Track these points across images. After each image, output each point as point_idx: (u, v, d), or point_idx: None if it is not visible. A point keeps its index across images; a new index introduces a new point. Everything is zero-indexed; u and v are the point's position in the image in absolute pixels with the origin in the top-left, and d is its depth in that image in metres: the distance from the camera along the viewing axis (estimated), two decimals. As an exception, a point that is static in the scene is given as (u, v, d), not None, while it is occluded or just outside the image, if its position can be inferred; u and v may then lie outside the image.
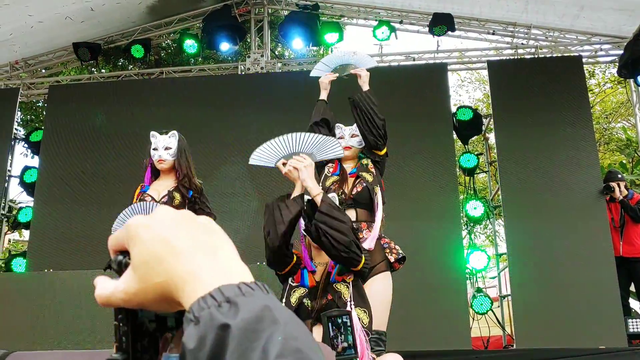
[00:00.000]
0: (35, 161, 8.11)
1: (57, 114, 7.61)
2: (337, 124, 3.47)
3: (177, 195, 3.41)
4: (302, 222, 2.63)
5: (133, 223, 0.52)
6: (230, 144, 7.03)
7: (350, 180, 3.24)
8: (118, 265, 0.53)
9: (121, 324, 0.52)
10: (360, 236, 3.06)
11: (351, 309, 2.30)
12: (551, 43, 7.70)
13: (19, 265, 7.21)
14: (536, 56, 7.60)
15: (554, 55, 7.62)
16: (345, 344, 1.47)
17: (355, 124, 3.36)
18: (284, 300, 2.48)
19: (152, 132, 3.53)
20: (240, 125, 7.12)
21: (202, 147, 7.07)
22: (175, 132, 3.54)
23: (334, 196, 2.71)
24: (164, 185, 3.48)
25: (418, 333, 5.90)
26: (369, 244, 3.00)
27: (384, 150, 3.35)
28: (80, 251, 6.61)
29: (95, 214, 6.77)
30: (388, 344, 5.16)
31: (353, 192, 3.17)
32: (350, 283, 2.47)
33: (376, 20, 7.84)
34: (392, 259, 3.22)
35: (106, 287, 0.52)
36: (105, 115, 7.35)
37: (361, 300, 2.52)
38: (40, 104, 10.78)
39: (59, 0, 7.01)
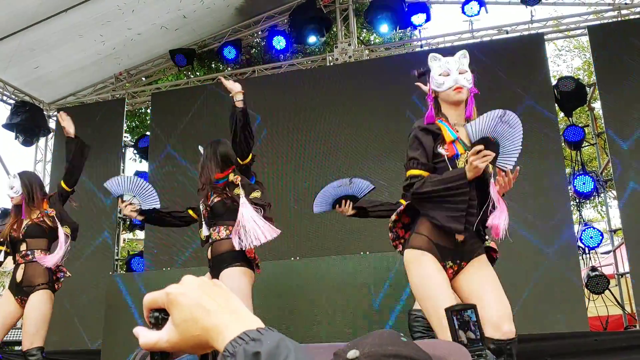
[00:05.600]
0: (144, 165, 8.62)
1: (161, 119, 8.05)
2: (432, 54, 2.80)
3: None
4: None
5: (172, 292, 0.69)
6: (325, 135, 7.12)
7: None
8: (155, 320, 0.71)
9: None
10: None
11: None
12: (659, 0, 7.14)
13: (138, 264, 7.73)
14: (642, 15, 7.07)
15: (663, 12, 7.06)
16: (471, 338, 1.47)
17: (460, 54, 2.77)
18: None
19: (199, 147, 3.83)
20: (333, 115, 7.19)
21: (298, 140, 7.23)
22: (200, 148, 3.79)
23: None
24: None
25: (531, 315, 5.74)
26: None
27: None
28: (190, 249, 6.98)
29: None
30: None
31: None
32: None
33: (464, -4, 7.60)
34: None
35: (150, 337, 0.70)
36: (204, 116, 7.68)
37: None
38: (142, 110, 11.41)
39: (155, 11, 7.39)
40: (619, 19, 7.20)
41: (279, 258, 5.20)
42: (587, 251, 6.64)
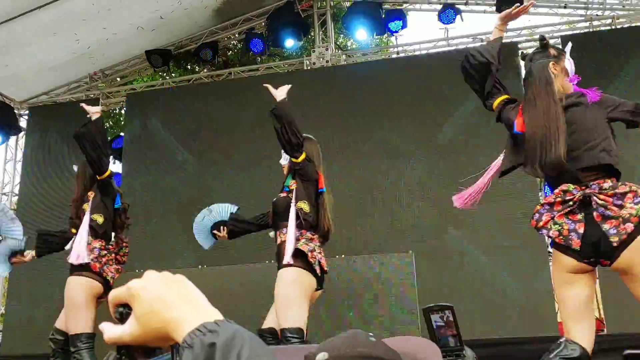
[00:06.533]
0: (118, 166, 8.51)
1: (135, 120, 7.96)
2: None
3: None
4: None
5: (133, 286, 0.70)
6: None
7: None
8: (120, 315, 0.72)
9: (123, 357, 0.73)
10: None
11: None
12: (629, 12, 7.30)
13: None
14: (613, 27, 7.23)
15: (633, 24, 7.22)
16: (450, 339, 1.49)
17: None
18: None
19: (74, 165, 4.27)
20: (310, 119, 7.19)
21: (273, 143, 7.21)
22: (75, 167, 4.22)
23: None
24: None
25: (502, 320, 5.81)
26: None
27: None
28: (168, 250, 6.90)
29: (178, 212, 7.05)
30: (475, 331, 5.12)
31: None
32: None
33: (440, 4, 7.69)
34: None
35: (114, 331, 0.71)
36: (180, 117, 7.63)
37: None
38: (117, 111, 11.28)
39: (132, 11, 7.31)
40: (591, 29, 7.36)
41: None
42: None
